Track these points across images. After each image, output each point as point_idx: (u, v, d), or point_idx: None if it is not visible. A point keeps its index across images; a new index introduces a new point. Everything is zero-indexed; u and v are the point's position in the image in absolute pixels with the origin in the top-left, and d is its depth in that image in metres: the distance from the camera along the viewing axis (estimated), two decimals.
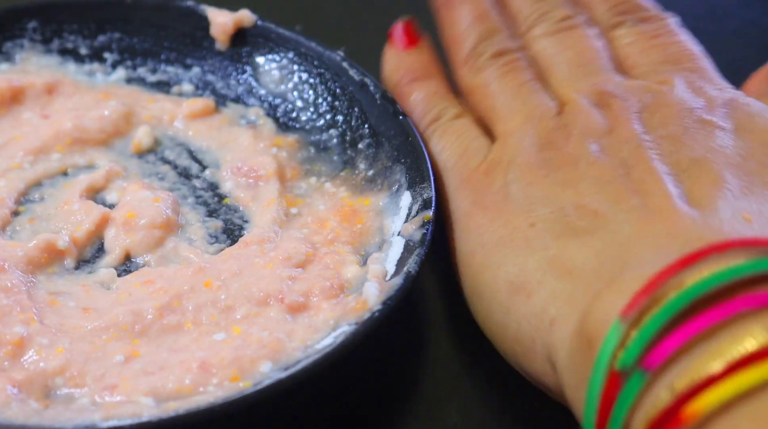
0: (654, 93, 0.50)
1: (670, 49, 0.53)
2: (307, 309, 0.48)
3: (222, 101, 0.60)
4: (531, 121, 0.51)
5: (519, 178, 0.48)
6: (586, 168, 0.47)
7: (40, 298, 0.48)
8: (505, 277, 0.45)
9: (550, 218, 0.46)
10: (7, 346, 0.45)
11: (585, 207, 0.45)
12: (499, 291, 0.45)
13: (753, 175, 0.45)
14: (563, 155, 0.48)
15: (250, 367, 0.45)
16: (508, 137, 0.50)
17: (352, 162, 0.56)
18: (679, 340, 0.37)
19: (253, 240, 0.51)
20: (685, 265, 0.39)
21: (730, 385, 0.36)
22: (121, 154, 0.57)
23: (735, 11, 0.69)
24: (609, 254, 0.42)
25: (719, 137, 0.47)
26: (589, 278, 0.42)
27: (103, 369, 0.45)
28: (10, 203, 0.53)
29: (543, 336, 0.43)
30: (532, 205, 0.46)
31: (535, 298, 0.44)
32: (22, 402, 0.44)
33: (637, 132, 0.47)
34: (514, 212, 0.47)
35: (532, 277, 0.44)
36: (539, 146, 0.49)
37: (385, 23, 0.67)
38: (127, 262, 0.52)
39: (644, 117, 0.48)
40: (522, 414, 0.48)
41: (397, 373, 0.50)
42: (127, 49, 0.61)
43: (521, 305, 0.44)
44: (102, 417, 0.43)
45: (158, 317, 0.47)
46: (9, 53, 0.60)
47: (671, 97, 0.49)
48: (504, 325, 0.45)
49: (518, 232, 0.46)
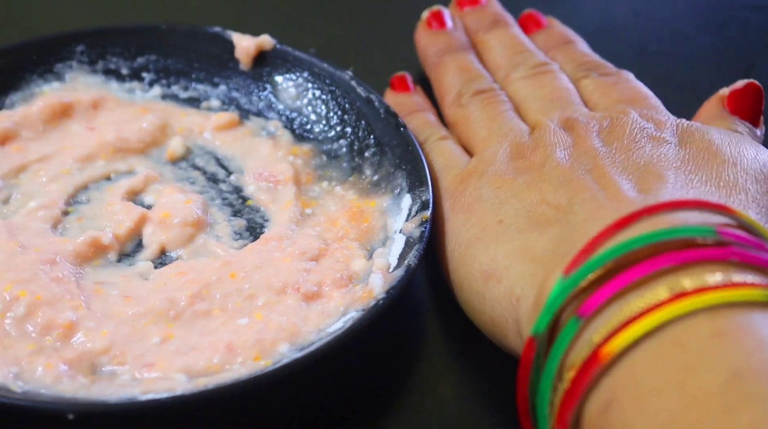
0: (612, 118, 0.50)
1: (626, 92, 0.54)
2: (320, 297, 0.48)
3: (245, 115, 0.60)
4: (505, 138, 0.51)
5: (489, 182, 0.49)
6: (549, 171, 0.47)
7: (87, 287, 0.49)
8: (479, 268, 0.46)
9: (516, 214, 0.46)
10: (59, 328, 0.46)
11: (547, 202, 0.46)
12: (475, 280, 0.46)
13: (691, 173, 0.46)
14: (530, 162, 0.49)
15: (270, 348, 0.45)
16: (483, 151, 0.51)
17: (359, 168, 0.56)
18: (609, 291, 0.39)
19: (272, 237, 0.51)
20: (621, 226, 0.40)
21: (638, 326, 0.37)
22: (157, 161, 0.57)
23: (694, 36, 0.69)
24: (564, 238, 0.43)
25: (664, 148, 0.47)
26: (547, 260, 0.43)
27: (142, 349, 0.45)
28: (61, 204, 0.53)
29: (512, 314, 0.44)
30: (500, 204, 0.47)
31: (504, 282, 0.44)
32: (72, 378, 0.44)
33: (595, 145, 0.48)
34: (484, 212, 0.48)
35: (501, 264, 0.45)
36: (510, 157, 0.50)
37: (388, 48, 0.68)
38: (162, 255, 0.52)
39: (602, 136, 0.49)
40: (510, 388, 0.48)
41: (399, 353, 0.49)
42: (162, 69, 0.61)
43: (493, 290, 0.45)
44: (141, 391, 0.43)
45: (190, 304, 0.47)
46: (60, 73, 0.60)
47: (626, 120, 0.50)
48: (482, 310, 0.46)
49: (488, 228, 0.47)
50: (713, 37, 0.69)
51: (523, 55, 0.58)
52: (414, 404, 0.47)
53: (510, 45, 0.59)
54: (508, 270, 0.44)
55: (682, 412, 0.35)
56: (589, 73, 0.57)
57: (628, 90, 0.55)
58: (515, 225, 0.46)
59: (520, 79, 0.56)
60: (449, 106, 0.57)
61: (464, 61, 0.59)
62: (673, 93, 0.64)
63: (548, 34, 0.61)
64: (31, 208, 0.52)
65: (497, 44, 0.60)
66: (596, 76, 0.56)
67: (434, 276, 0.53)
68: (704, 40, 0.69)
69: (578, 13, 0.71)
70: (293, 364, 0.43)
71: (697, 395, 0.35)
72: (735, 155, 0.47)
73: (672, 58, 0.68)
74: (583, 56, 0.58)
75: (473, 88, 0.56)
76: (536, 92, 0.55)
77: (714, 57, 0.68)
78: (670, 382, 0.36)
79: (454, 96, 0.57)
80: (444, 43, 0.60)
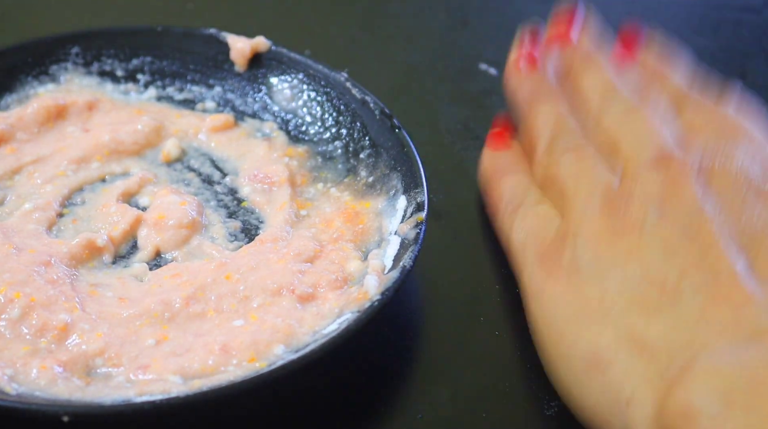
0: (712, 157, 0.46)
1: (725, 126, 0.49)
2: (315, 299, 0.48)
3: (240, 116, 0.60)
4: (594, 192, 0.48)
5: (586, 248, 0.45)
6: (649, 236, 0.44)
7: (82, 289, 0.48)
8: (581, 351, 0.43)
9: (618, 290, 0.43)
10: (53, 330, 0.46)
11: (652, 280, 0.43)
12: (576, 365, 0.43)
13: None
14: (626, 222, 0.45)
15: (265, 350, 0.45)
16: (573, 210, 0.48)
17: (354, 170, 0.56)
18: None
19: (267, 238, 0.51)
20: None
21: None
22: (152, 163, 0.57)
23: (689, 36, 0.69)
24: (678, 334, 0.40)
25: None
26: (661, 358, 0.40)
27: (137, 351, 0.45)
28: (56, 206, 0.53)
29: (620, 414, 0.41)
30: (601, 275, 0.44)
31: (610, 374, 0.41)
32: (67, 379, 0.44)
33: (696, 196, 0.44)
34: (585, 284, 0.44)
35: (606, 352, 0.42)
36: (601, 213, 0.46)
37: (383, 49, 0.68)
38: (157, 257, 0.52)
39: (702, 180, 0.45)
40: (506, 390, 0.48)
41: (394, 355, 0.49)
42: (157, 71, 0.61)
43: (597, 381, 0.42)
44: (136, 393, 0.43)
45: (185, 306, 0.47)
46: (55, 75, 0.60)
47: (728, 162, 0.46)
48: (582, 399, 0.43)
49: (590, 304, 0.43)
50: (707, 39, 0.69)
51: (614, 98, 0.53)
52: (409, 406, 0.47)
53: (602, 89, 0.55)
54: (615, 360, 0.41)
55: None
56: (685, 108, 0.52)
57: (726, 122, 0.50)
58: (619, 304, 0.43)
59: (611, 124, 0.52)
60: (539, 163, 0.53)
61: (554, 110, 0.55)
62: None
63: (642, 66, 0.56)
64: (26, 209, 0.52)
65: (588, 88, 0.55)
66: (693, 109, 0.51)
67: (429, 277, 0.53)
68: (698, 42, 0.69)
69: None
70: (288, 365, 0.43)
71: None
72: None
73: None
74: (678, 90, 0.53)
75: (562, 144, 0.52)
76: (626, 135, 0.50)
77: (708, 58, 0.68)
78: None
79: (544, 151, 0.53)
80: (532, 88, 0.57)
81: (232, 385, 0.42)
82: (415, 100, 0.61)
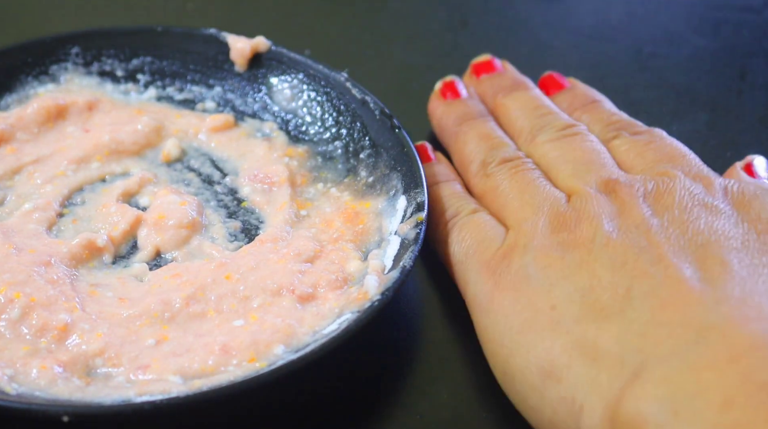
0: (655, 181, 0.48)
1: (663, 151, 0.51)
2: (315, 299, 0.48)
3: (240, 116, 0.60)
4: (542, 208, 0.48)
5: (536, 259, 0.45)
6: (599, 250, 0.44)
7: (82, 289, 0.48)
8: (536, 361, 0.43)
9: (569, 300, 0.43)
10: (53, 331, 0.46)
11: (602, 288, 0.43)
12: (531, 375, 0.43)
13: (755, 255, 0.43)
14: (576, 237, 0.46)
15: (265, 350, 0.45)
16: (522, 223, 0.48)
17: (354, 170, 0.56)
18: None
19: (267, 238, 0.51)
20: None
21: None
22: (152, 163, 0.57)
23: (689, 37, 0.69)
24: (630, 339, 0.41)
25: (721, 221, 0.45)
26: (612, 366, 0.40)
27: (137, 351, 0.45)
28: (56, 206, 0.53)
29: (575, 422, 0.41)
30: (551, 286, 0.44)
31: (564, 383, 0.42)
32: (67, 380, 0.44)
33: (645, 215, 0.45)
34: (534, 293, 0.44)
35: (560, 361, 0.42)
36: (552, 229, 0.47)
37: (383, 49, 0.68)
38: (157, 257, 0.52)
39: (650, 202, 0.46)
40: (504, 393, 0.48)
41: (394, 356, 0.49)
42: (157, 71, 0.61)
43: (553, 391, 0.42)
44: (136, 393, 0.43)
45: (185, 306, 0.47)
46: (55, 75, 0.60)
47: (673, 185, 0.47)
48: (539, 409, 0.43)
49: (541, 314, 0.44)
50: (708, 39, 0.69)
51: (547, 118, 0.54)
52: (409, 406, 0.47)
53: (532, 107, 0.56)
54: (569, 369, 0.41)
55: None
56: (620, 133, 0.53)
57: (664, 148, 0.51)
58: (570, 313, 0.43)
59: (546, 142, 0.53)
60: (474, 177, 0.53)
61: (485, 129, 0.55)
62: (668, 95, 0.65)
63: (572, 94, 0.57)
64: (26, 209, 0.52)
65: (518, 107, 0.56)
66: (627, 135, 0.53)
67: (429, 277, 0.53)
68: (699, 42, 0.69)
69: (573, 14, 0.71)
70: (288, 365, 0.43)
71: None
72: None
73: (666, 59, 0.68)
74: (610, 116, 0.55)
75: (498, 156, 0.53)
76: (566, 155, 0.51)
77: (708, 59, 0.68)
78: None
79: (479, 166, 0.53)
80: (461, 112, 0.57)
81: (232, 385, 0.42)
82: (415, 100, 0.61)
